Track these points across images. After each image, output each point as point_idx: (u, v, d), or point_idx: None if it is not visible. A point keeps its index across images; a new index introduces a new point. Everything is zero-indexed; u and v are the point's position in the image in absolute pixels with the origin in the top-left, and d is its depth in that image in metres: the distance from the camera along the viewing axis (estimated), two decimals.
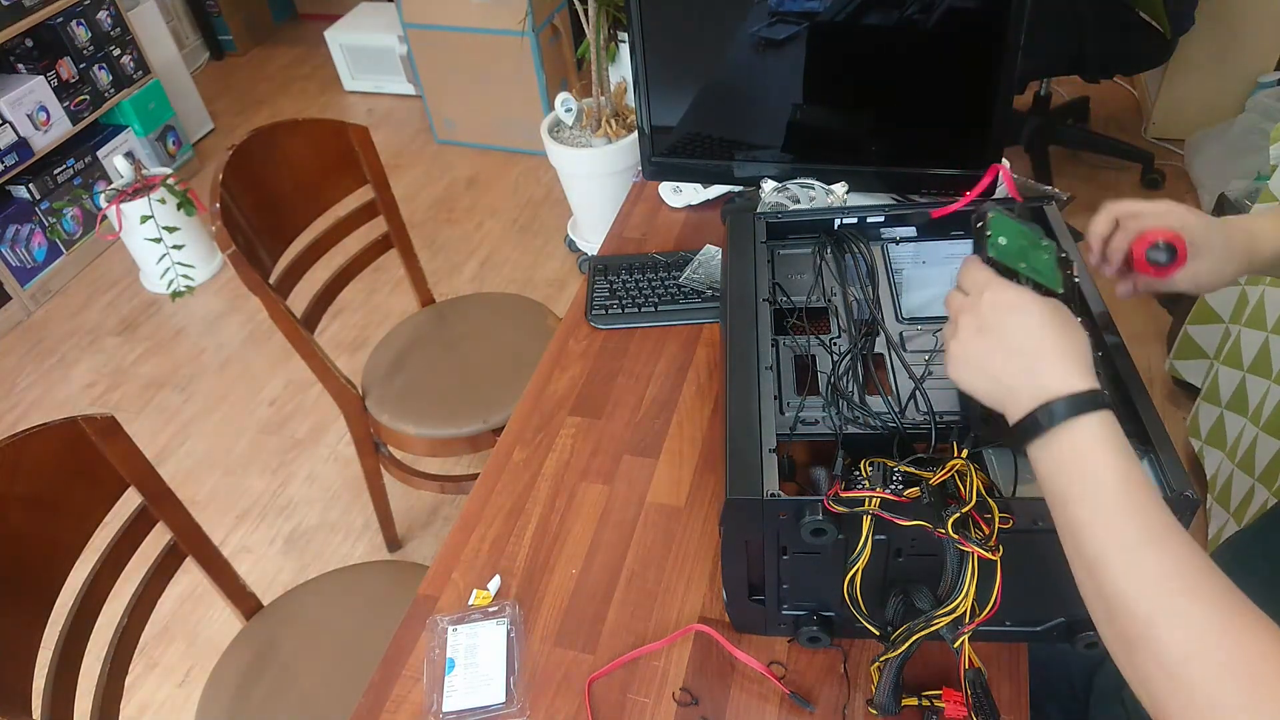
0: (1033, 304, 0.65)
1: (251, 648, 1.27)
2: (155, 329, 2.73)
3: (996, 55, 1.11)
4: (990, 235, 0.77)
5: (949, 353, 0.68)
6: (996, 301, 0.66)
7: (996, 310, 0.65)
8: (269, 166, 1.53)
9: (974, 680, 0.75)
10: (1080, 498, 0.59)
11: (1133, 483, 0.58)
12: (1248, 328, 1.71)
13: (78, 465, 1.04)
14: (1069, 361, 0.62)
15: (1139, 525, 0.56)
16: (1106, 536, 0.57)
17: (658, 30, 1.20)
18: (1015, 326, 0.64)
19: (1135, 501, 0.57)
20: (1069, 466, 0.60)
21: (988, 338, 0.65)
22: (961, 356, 0.67)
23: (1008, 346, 0.64)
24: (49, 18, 2.72)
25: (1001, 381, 0.64)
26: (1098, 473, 0.58)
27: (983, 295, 0.66)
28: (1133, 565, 0.55)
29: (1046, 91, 2.83)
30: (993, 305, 0.66)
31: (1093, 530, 0.58)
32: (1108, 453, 0.59)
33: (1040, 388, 0.61)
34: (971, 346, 0.66)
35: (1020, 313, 0.65)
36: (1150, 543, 0.55)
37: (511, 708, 0.86)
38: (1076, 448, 0.59)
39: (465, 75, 3.10)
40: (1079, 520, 0.59)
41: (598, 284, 1.31)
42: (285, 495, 2.18)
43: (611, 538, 1.00)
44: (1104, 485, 0.58)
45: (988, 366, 0.65)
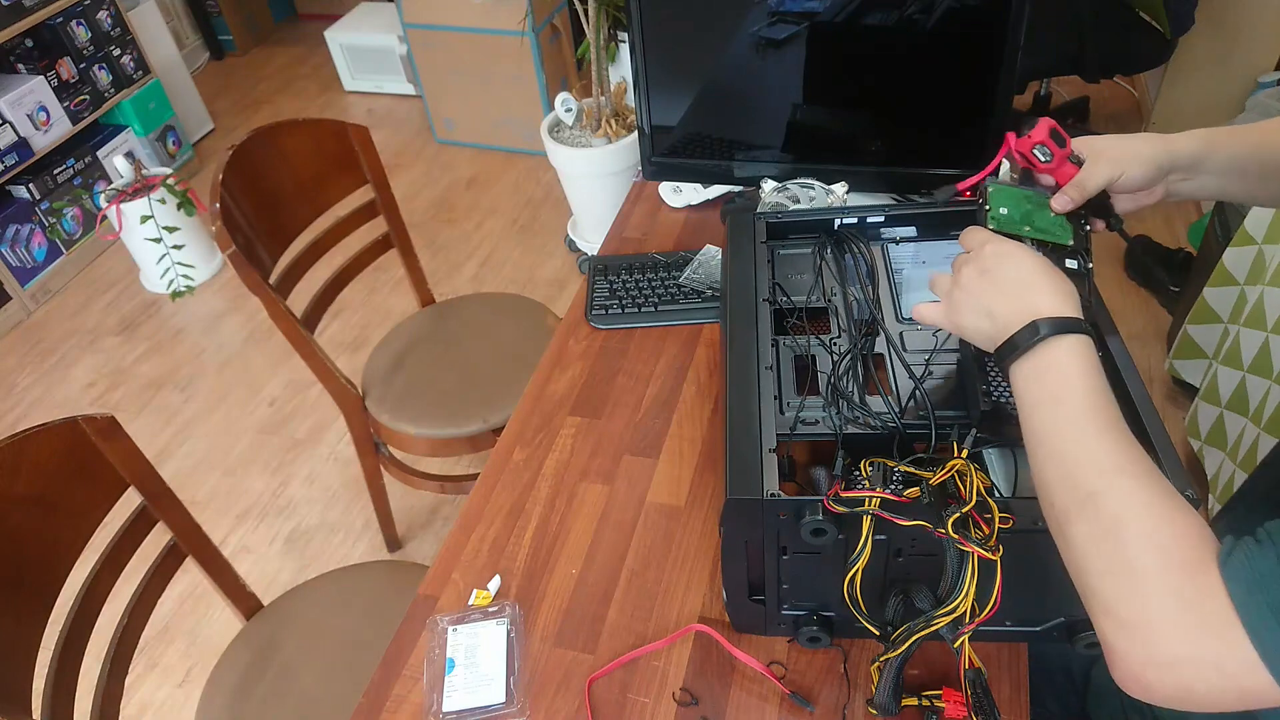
0: (1029, 252, 0.72)
1: (251, 648, 1.27)
2: (155, 329, 2.73)
3: (996, 55, 1.11)
4: (990, 209, 0.81)
5: (950, 299, 0.74)
6: (998, 250, 0.72)
7: (997, 257, 0.72)
8: (269, 166, 1.53)
9: (974, 680, 0.75)
10: (1049, 402, 0.64)
11: (1098, 394, 0.63)
12: (1247, 327, 1.71)
13: (78, 465, 1.04)
14: (1059, 295, 0.68)
15: (1097, 424, 0.61)
16: (1066, 431, 0.62)
17: (658, 30, 1.20)
18: (1013, 267, 0.71)
19: (1097, 408, 0.62)
20: (1044, 376, 0.65)
21: (987, 278, 0.71)
22: (961, 298, 0.73)
23: (1005, 283, 0.70)
24: (49, 18, 2.72)
25: (996, 313, 0.70)
26: (1069, 381, 0.64)
27: (984, 247, 0.73)
28: (1085, 451, 0.61)
29: (1046, 91, 2.83)
30: (994, 253, 0.72)
31: (1055, 428, 0.63)
32: (1080, 367, 0.64)
33: (1033, 307, 0.67)
34: (971, 285, 0.72)
35: (1017, 257, 0.72)
36: (1104, 436, 0.61)
37: (511, 708, 0.86)
38: (1053, 360, 0.65)
39: (465, 75, 3.10)
40: (1045, 423, 0.64)
41: (598, 284, 1.31)
42: (285, 495, 2.18)
43: (611, 538, 1.00)
44: (1073, 392, 0.63)
45: (985, 302, 0.71)
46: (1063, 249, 0.80)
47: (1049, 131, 0.81)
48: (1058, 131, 0.82)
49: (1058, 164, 0.82)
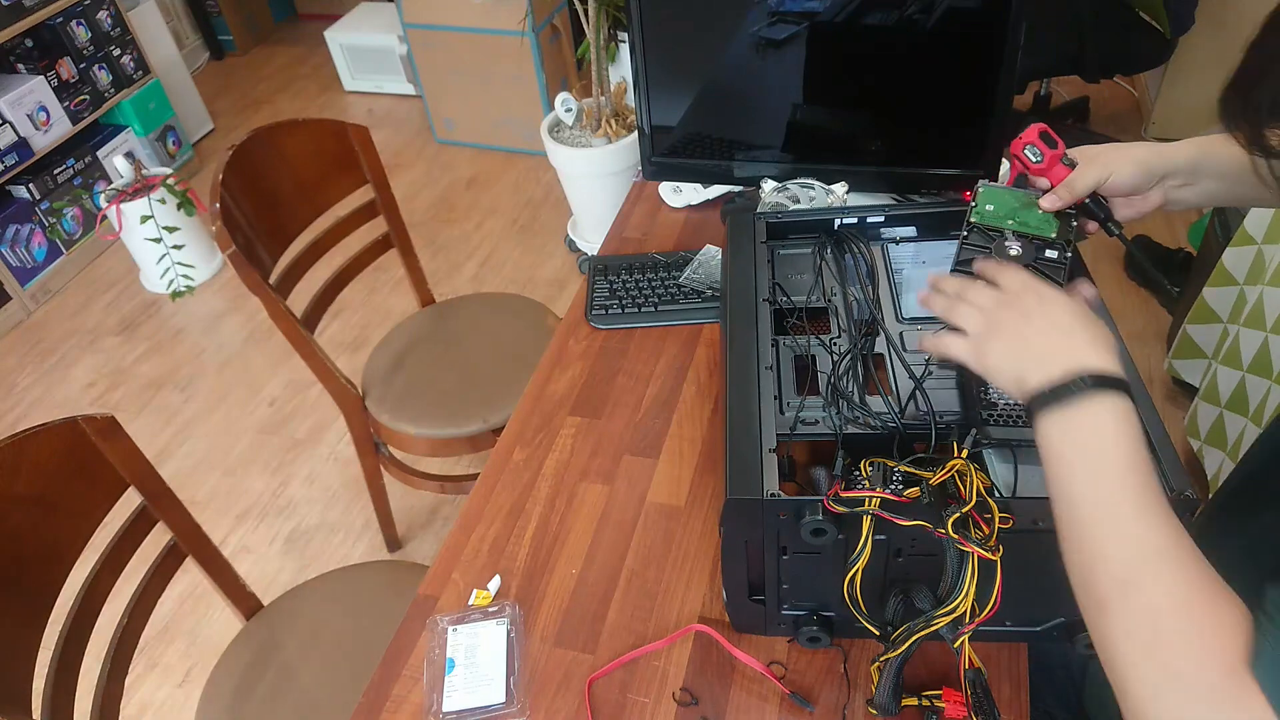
0: (1069, 300, 0.69)
1: (251, 648, 1.27)
2: (155, 329, 2.73)
3: (996, 55, 1.11)
4: (976, 205, 0.83)
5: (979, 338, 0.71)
6: (1040, 294, 0.70)
7: (1040, 300, 0.69)
8: (269, 166, 1.53)
9: (974, 680, 0.75)
10: (1086, 469, 0.61)
11: (1138, 463, 0.59)
12: (1246, 327, 1.71)
13: (78, 465, 1.04)
14: (1103, 347, 0.65)
15: (1134, 502, 0.58)
16: (1102, 505, 0.59)
17: (658, 30, 1.20)
18: (1056, 312, 0.68)
19: (1136, 481, 0.59)
20: (1081, 434, 0.62)
21: (1026, 322, 0.68)
22: (993, 338, 0.70)
23: (1047, 328, 0.67)
24: (49, 18, 2.72)
25: (1033, 359, 0.66)
26: (1108, 448, 0.60)
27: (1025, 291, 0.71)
28: (1121, 533, 0.58)
29: (1046, 91, 2.84)
30: (1036, 297, 0.70)
31: (1090, 499, 0.60)
32: (1122, 433, 0.60)
33: (1075, 359, 0.64)
34: (1008, 327, 0.69)
35: (1061, 304, 0.69)
36: (1142, 518, 0.57)
37: (511, 708, 0.86)
38: (1094, 421, 0.61)
39: (465, 75, 3.10)
40: (1077, 490, 0.61)
41: (598, 284, 1.31)
42: (285, 495, 2.18)
43: (611, 538, 1.00)
44: (1111, 461, 0.60)
45: (1023, 345, 0.68)
46: (1044, 241, 0.82)
47: (1039, 134, 0.82)
48: (1048, 134, 0.82)
49: (1049, 165, 0.83)
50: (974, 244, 0.83)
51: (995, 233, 0.82)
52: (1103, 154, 0.83)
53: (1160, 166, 0.83)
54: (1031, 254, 0.81)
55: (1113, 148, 0.84)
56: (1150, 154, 0.83)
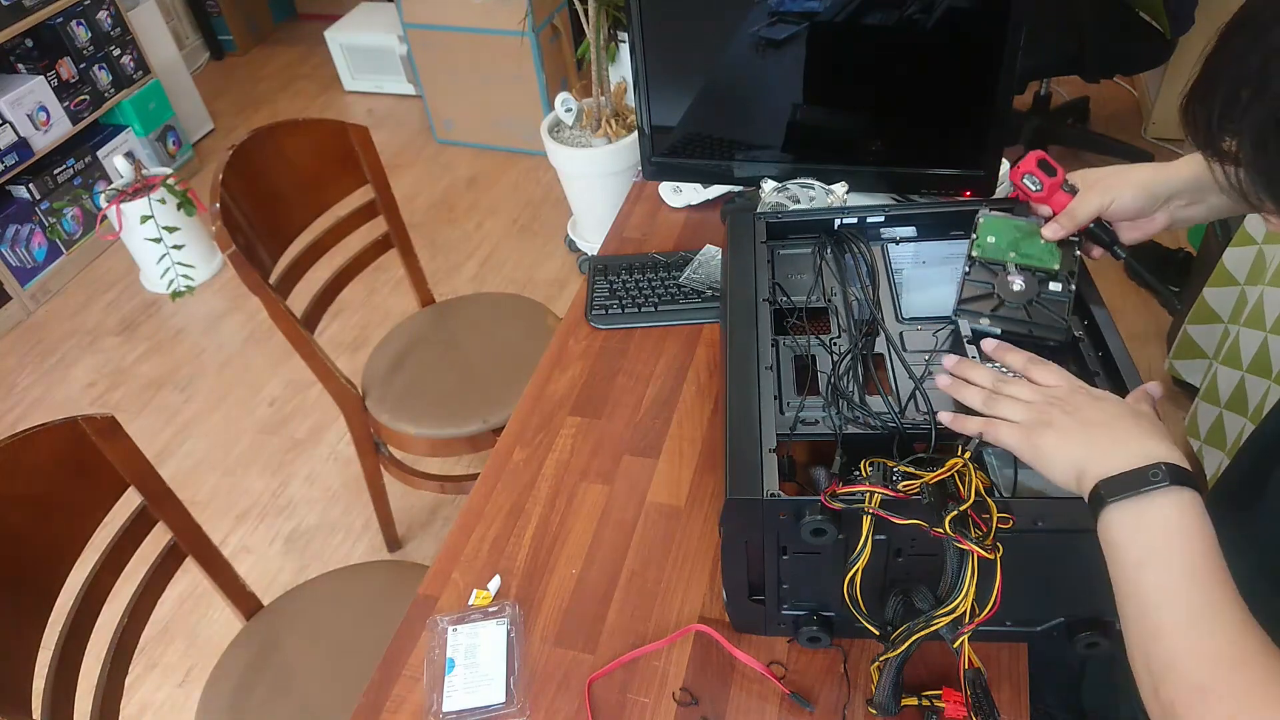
0: (1119, 400, 0.69)
1: (251, 648, 1.27)
2: (155, 329, 2.73)
3: (997, 55, 1.11)
4: (977, 237, 0.83)
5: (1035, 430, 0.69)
6: (1100, 394, 0.70)
7: (1101, 400, 0.69)
8: (269, 166, 1.53)
9: (974, 680, 0.75)
10: (1159, 564, 0.59)
11: (1212, 561, 0.58)
12: (1246, 327, 1.71)
13: (78, 465, 1.04)
14: (1169, 441, 0.64)
15: (1209, 600, 0.57)
16: (1175, 604, 0.58)
17: (658, 30, 1.20)
18: (1111, 403, 0.68)
19: (1213, 579, 0.58)
20: (1153, 533, 0.60)
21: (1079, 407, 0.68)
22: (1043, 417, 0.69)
23: (1106, 414, 0.67)
24: (49, 18, 2.72)
25: (1095, 439, 0.66)
26: (1184, 544, 0.59)
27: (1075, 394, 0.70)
28: (1196, 638, 0.56)
29: (1046, 91, 2.83)
30: (1095, 395, 0.70)
31: (1164, 596, 0.58)
32: (1197, 528, 0.59)
33: (1145, 448, 0.63)
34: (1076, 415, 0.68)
35: (1114, 402, 0.69)
36: (1216, 620, 0.56)
37: (511, 708, 0.86)
38: (1167, 514, 0.60)
39: (465, 75, 3.10)
40: (1151, 585, 0.59)
41: (598, 284, 1.31)
42: (285, 495, 2.18)
43: (611, 538, 1.00)
44: (1187, 556, 0.58)
45: (1082, 425, 0.67)
46: (1047, 273, 0.81)
47: (1037, 162, 0.82)
48: (1046, 161, 0.82)
49: (1049, 193, 0.82)
50: (977, 279, 0.82)
51: (997, 266, 0.81)
52: (1104, 179, 0.83)
53: (1163, 188, 0.82)
54: (1035, 289, 0.80)
55: (1113, 172, 0.84)
56: (1152, 176, 0.82)
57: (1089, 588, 0.77)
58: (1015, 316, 0.82)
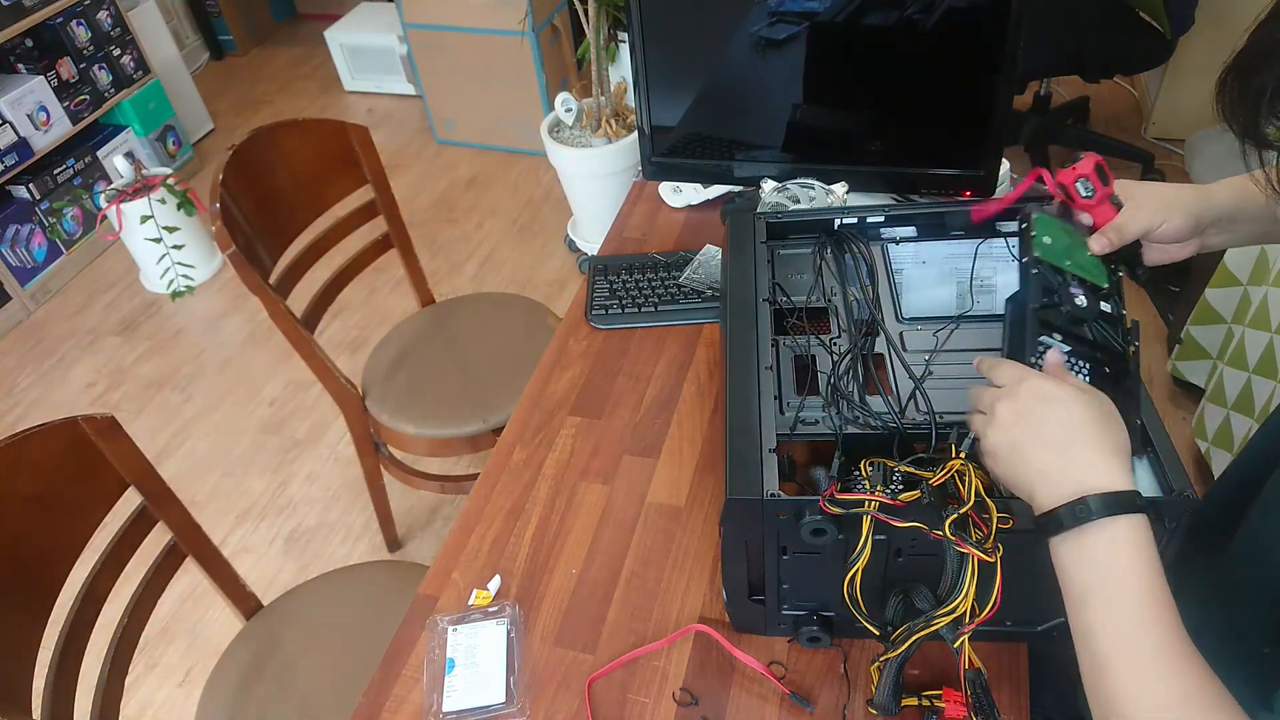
0: (1072, 397, 0.63)
1: (251, 648, 1.27)
2: (155, 329, 2.73)
3: (997, 55, 1.11)
4: (1035, 235, 0.76)
5: (987, 441, 0.67)
6: (1035, 391, 0.64)
7: (1035, 399, 0.64)
8: (269, 166, 1.53)
9: (974, 680, 0.75)
10: (1099, 601, 0.58)
11: (1155, 595, 0.57)
12: (1251, 328, 1.71)
13: (78, 465, 1.04)
14: (1107, 457, 0.61)
15: (1153, 640, 0.56)
16: (1119, 644, 0.57)
17: (658, 30, 1.20)
18: (1054, 417, 0.63)
19: (1153, 615, 0.56)
20: (1095, 567, 0.59)
21: (1026, 425, 0.64)
22: (998, 445, 0.65)
23: (1046, 436, 0.63)
24: (49, 18, 2.72)
25: (1035, 469, 0.63)
26: (1122, 578, 0.58)
27: (1020, 385, 0.65)
28: (1140, 680, 0.56)
29: (1046, 91, 2.83)
30: (1031, 394, 0.64)
31: (1106, 635, 0.58)
32: (1135, 560, 0.57)
33: (1076, 481, 0.60)
34: (1009, 434, 0.64)
35: (1059, 404, 0.63)
36: (1160, 660, 0.56)
37: (511, 708, 0.86)
38: (1103, 549, 0.58)
39: (465, 75, 3.10)
40: (1093, 623, 0.58)
41: (598, 284, 1.31)
42: (285, 495, 2.18)
43: (611, 538, 1.00)
44: (1127, 591, 0.57)
45: (1025, 454, 0.63)
46: (1099, 290, 0.76)
47: (1094, 167, 0.77)
48: (1103, 168, 0.77)
49: (1098, 202, 0.77)
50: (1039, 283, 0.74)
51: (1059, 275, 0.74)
52: (1151, 198, 0.79)
53: (1208, 215, 0.79)
54: (1095, 308, 0.74)
55: (1159, 188, 0.80)
56: (1199, 203, 0.79)
57: None
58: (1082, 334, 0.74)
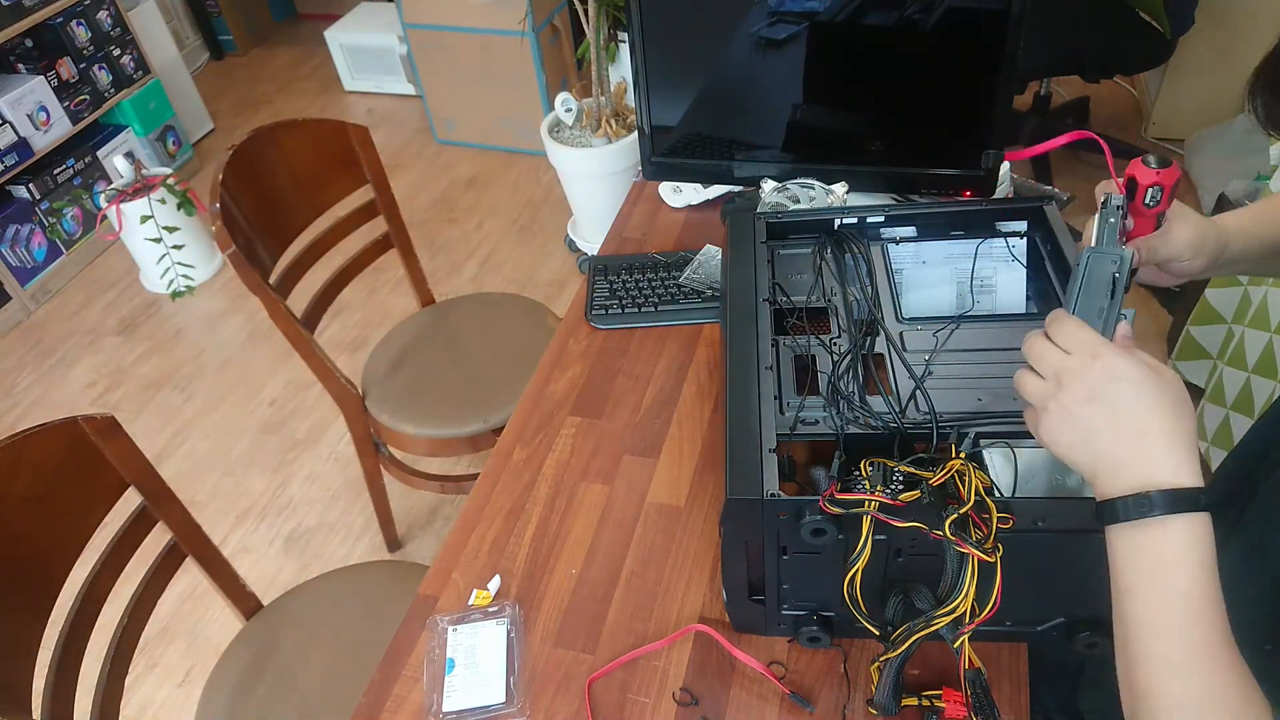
0: (1148, 379, 0.60)
1: (251, 648, 1.27)
2: (155, 329, 2.73)
3: (997, 55, 1.11)
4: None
5: (1046, 412, 0.63)
6: (1112, 369, 0.61)
7: (1110, 378, 0.61)
8: (269, 166, 1.53)
9: (974, 680, 0.75)
10: (1145, 595, 0.58)
11: (1205, 598, 0.56)
12: (1251, 328, 1.71)
13: (78, 465, 1.04)
14: (1179, 450, 0.59)
15: (1191, 639, 0.56)
16: (1156, 639, 0.57)
17: (658, 30, 1.20)
18: (1128, 401, 0.60)
19: (1196, 614, 0.56)
20: (1147, 561, 0.58)
21: (1098, 407, 0.61)
22: (1063, 421, 0.62)
23: (1119, 420, 0.60)
24: (49, 18, 2.72)
25: (1103, 454, 0.61)
26: (1175, 578, 0.57)
27: (1095, 359, 0.61)
28: (1169, 676, 0.56)
29: (1046, 91, 2.83)
30: (1106, 372, 0.61)
31: (1146, 628, 0.58)
32: (1190, 559, 0.57)
33: (1143, 473, 0.59)
34: (1079, 411, 0.62)
35: (1135, 386, 0.60)
36: (1193, 659, 0.56)
37: (511, 708, 0.86)
38: (1161, 545, 0.57)
39: (465, 75, 3.10)
40: (1136, 615, 0.58)
41: (598, 284, 1.31)
42: (285, 495, 2.18)
43: (611, 538, 1.00)
44: (1175, 589, 0.57)
45: (1092, 437, 0.61)
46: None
47: (1175, 180, 0.74)
48: (1179, 184, 0.75)
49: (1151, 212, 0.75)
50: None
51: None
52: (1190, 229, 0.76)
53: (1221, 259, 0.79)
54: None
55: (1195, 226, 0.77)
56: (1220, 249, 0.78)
57: (1089, 588, 0.77)
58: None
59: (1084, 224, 0.85)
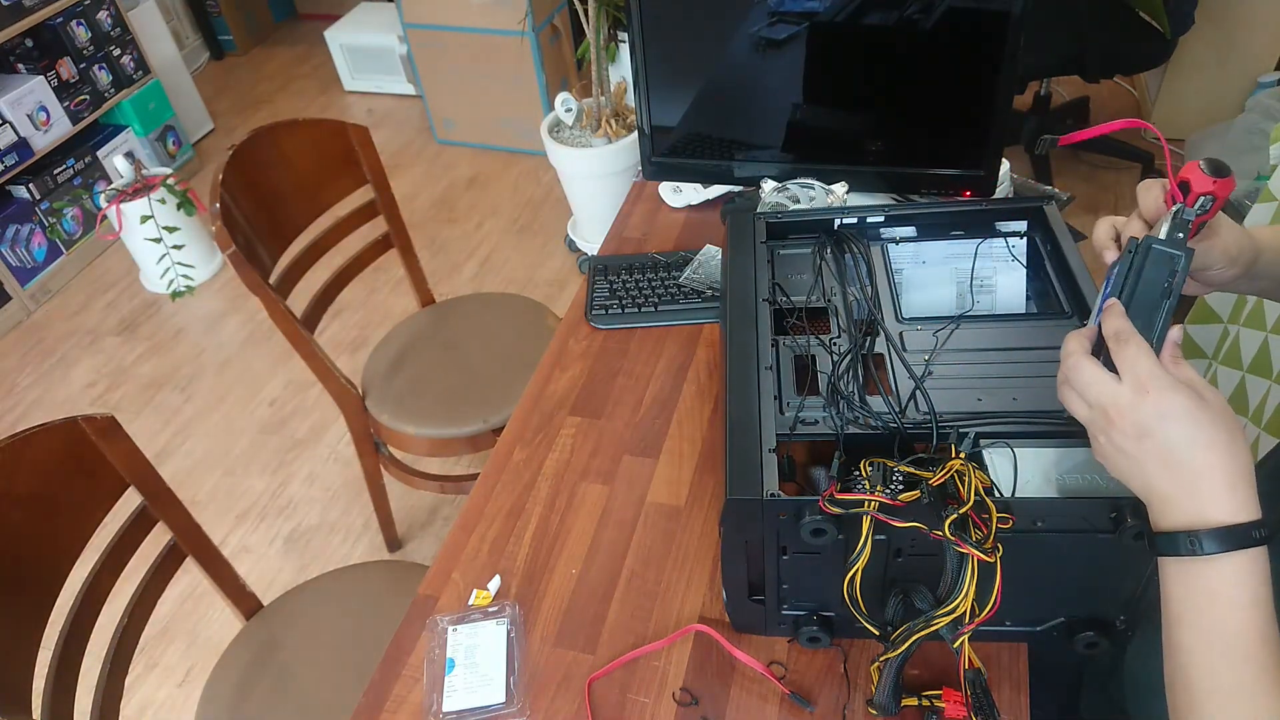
0: (1200, 411, 0.60)
1: (251, 648, 1.27)
2: (155, 329, 2.73)
3: (997, 55, 1.11)
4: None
5: (1097, 442, 0.65)
6: (1162, 408, 0.60)
7: (1164, 419, 0.60)
8: (269, 166, 1.53)
9: (974, 680, 0.75)
10: (1194, 627, 0.59)
11: (1254, 632, 0.57)
12: (1246, 327, 1.71)
13: (78, 465, 1.04)
14: (1232, 488, 0.59)
15: (1237, 675, 0.57)
16: (1199, 668, 0.58)
17: (658, 30, 1.20)
18: (1182, 439, 0.60)
19: (1244, 652, 0.57)
20: (1198, 594, 0.59)
21: (1149, 443, 0.61)
22: (1114, 456, 0.63)
23: (1172, 458, 0.60)
24: (49, 18, 2.72)
25: (1155, 489, 0.61)
26: (1225, 613, 0.58)
27: (1145, 396, 0.61)
28: (1210, 706, 0.57)
29: (1046, 91, 2.83)
30: (1158, 410, 0.61)
31: (1193, 658, 0.58)
32: (1241, 596, 0.57)
33: (1197, 512, 0.59)
34: (1129, 448, 0.62)
35: (1191, 425, 0.60)
36: (1237, 694, 0.56)
37: (511, 708, 0.86)
38: (1212, 581, 0.58)
39: (465, 75, 3.10)
40: (1184, 644, 0.59)
41: (598, 284, 1.31)
42: (285, 495, 2.18)
43: (611, 538, 1.00)
44: (1225, 625, 0.57)
45: (1144, 472, 0.62)
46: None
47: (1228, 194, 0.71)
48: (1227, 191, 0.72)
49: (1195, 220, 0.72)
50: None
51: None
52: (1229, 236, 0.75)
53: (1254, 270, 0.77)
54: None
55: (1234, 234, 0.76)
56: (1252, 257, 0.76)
57: (1089, 588, 0.78)
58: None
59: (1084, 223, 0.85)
